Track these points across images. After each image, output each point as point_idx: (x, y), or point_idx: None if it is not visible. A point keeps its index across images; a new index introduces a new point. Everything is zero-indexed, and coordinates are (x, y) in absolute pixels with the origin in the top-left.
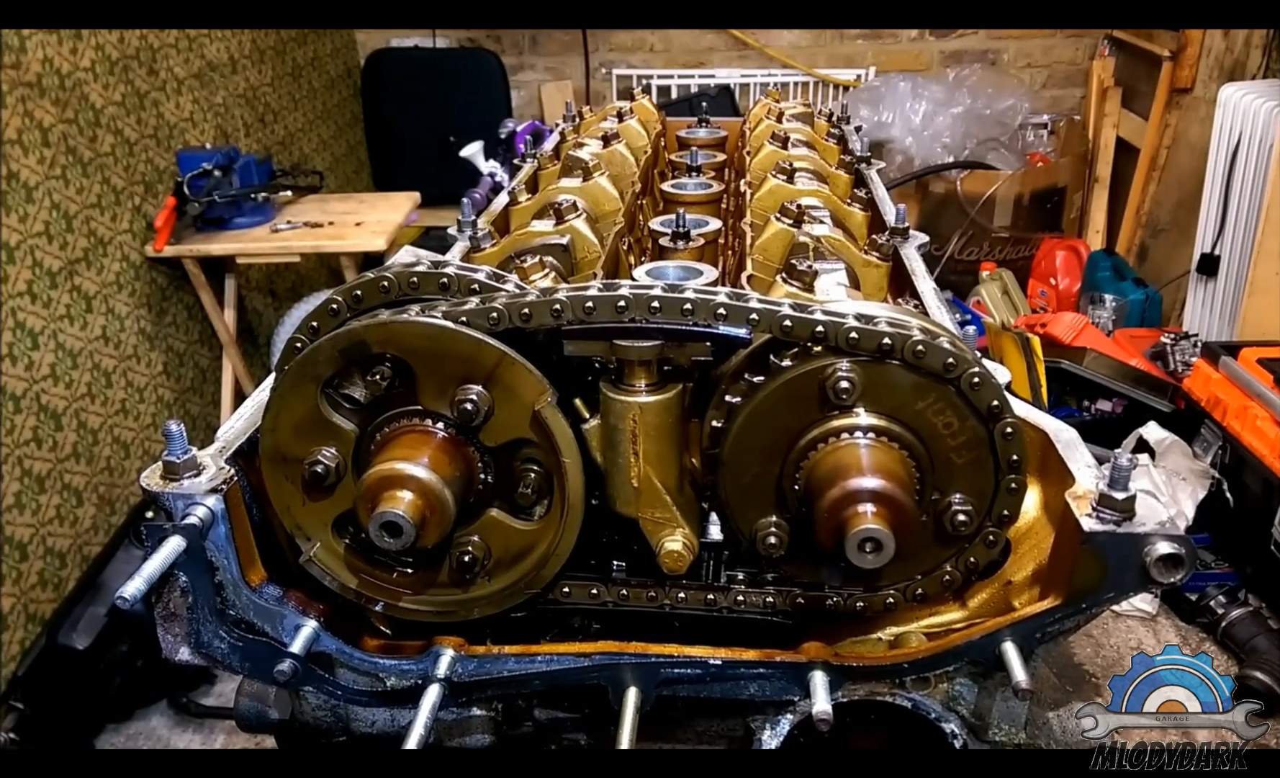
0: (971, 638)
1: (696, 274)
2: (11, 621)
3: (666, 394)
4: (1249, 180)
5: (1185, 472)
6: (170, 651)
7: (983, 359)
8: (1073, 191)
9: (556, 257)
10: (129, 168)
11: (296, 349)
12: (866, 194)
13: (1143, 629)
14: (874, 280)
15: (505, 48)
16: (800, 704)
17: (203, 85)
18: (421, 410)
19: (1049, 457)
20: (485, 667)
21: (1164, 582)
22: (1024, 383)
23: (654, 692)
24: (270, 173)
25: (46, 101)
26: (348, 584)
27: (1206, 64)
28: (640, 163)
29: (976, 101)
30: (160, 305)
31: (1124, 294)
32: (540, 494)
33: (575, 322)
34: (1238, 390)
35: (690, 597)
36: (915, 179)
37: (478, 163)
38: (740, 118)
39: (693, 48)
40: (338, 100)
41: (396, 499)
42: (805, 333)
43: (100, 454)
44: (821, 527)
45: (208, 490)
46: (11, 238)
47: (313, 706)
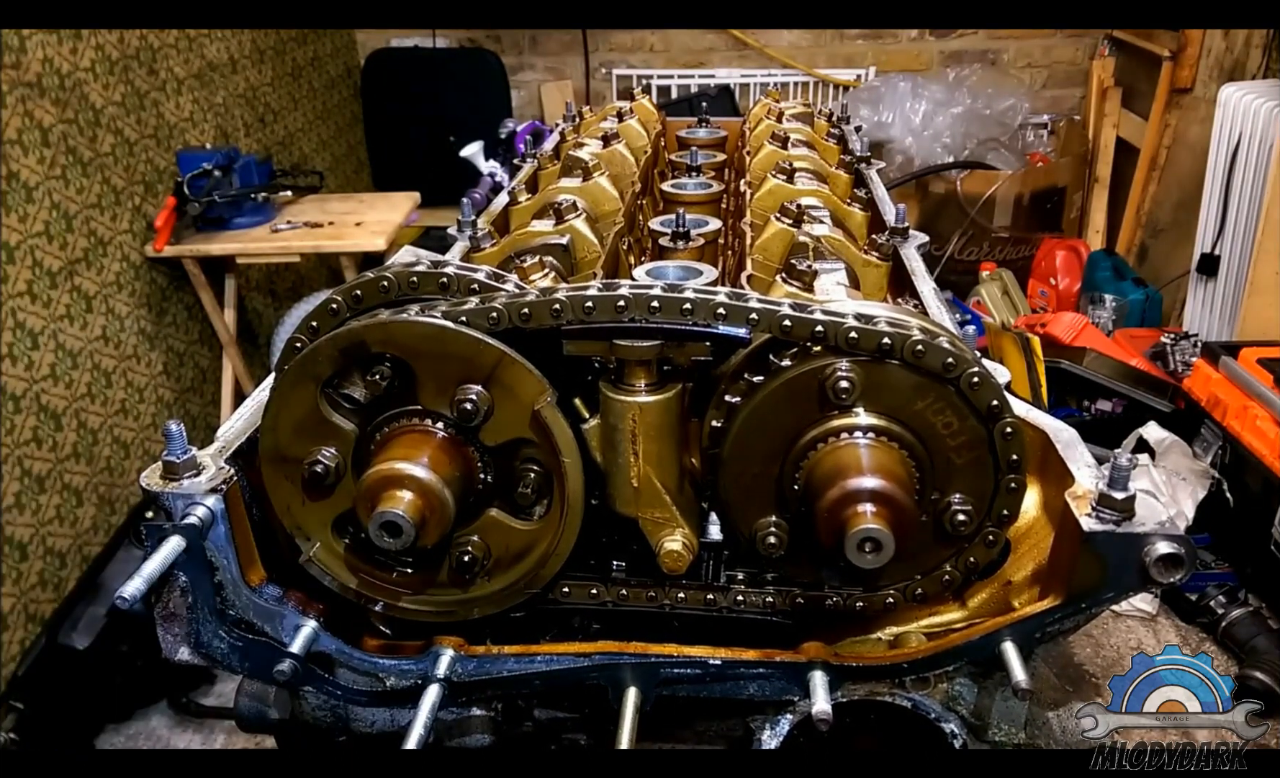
0: (971, 638)
1: (696, 274)
2: (11, 621)
3: (666, 394)
4: (1249, 180)
5: (1185, 472)
6: (170, 651)
7: (982, 359)
8: (1073, 191)
9: (556, 257)
10: (129, 168)
11: (296, 349)
12: (866, 194)
13: (1143, 629)
14: (874, 280)
15: (505, 48)
16: (800, 704)
17: (203, 85)
18: (421, 410)
19: (1049, 457)
20: (485, 667)
21: (1164, 582)
22: (1024, 383)
23: (654, 692)
24: (270, 173)
25: (46, 101)
26: (348, 584)
27: (1206, 64)
28: (640, 163)
29: (976, 101)
30: (160, 305)
31: (1124, 294)
32: (540, 494)
33: (575, 321)
34: (1238, 390)
35: (690, 597)
36: (915, 179)
37: (478, 163)
38: (740, 118)
39: (693, 48)
40: (338, 100)
41: (396, 499)
42: (805, 333)
43: (100, 454)
44: (821, 527)
45: (207, 490)
46: (11, 238)
47: (313, 706)
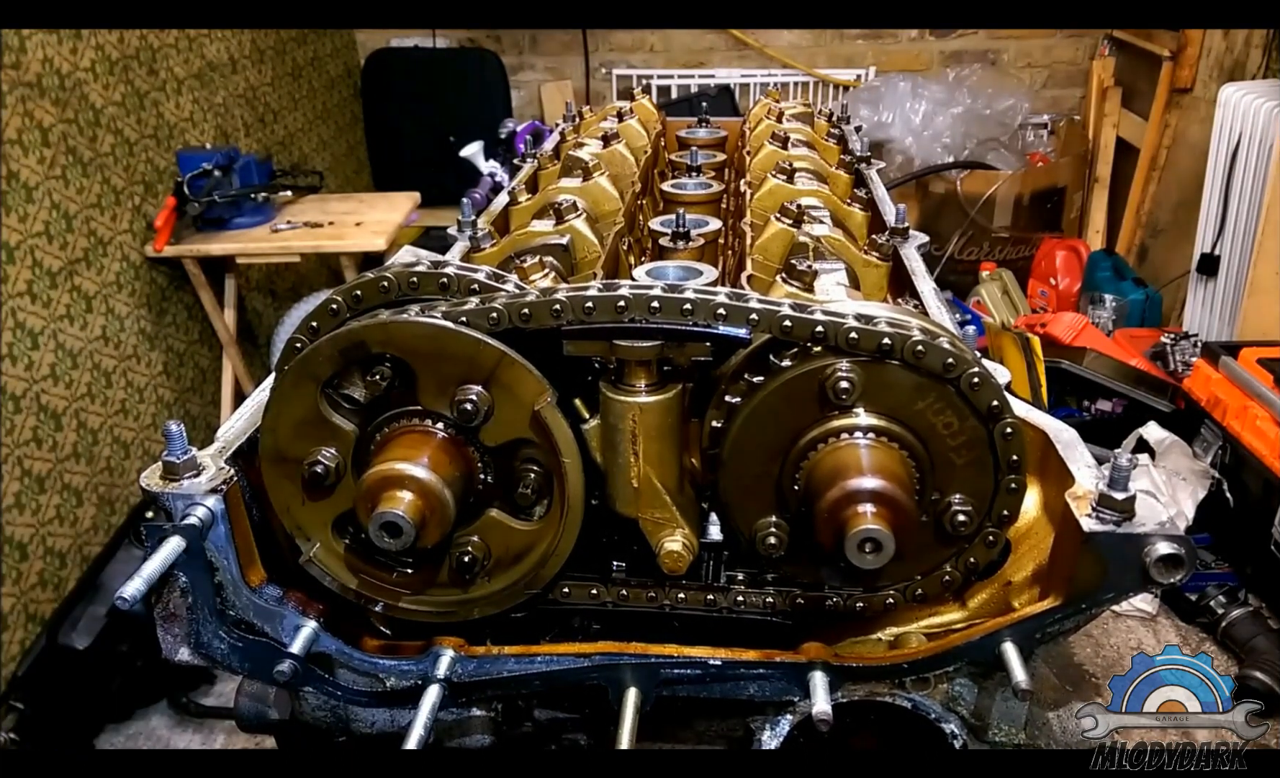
0: (971, 638)
1: (696, 274)
2: (11, 621)
3: (666, 394)
4: (1249, 180)
5: (1185, 472)
6: (170, 651)
7: (983, 359)
8: (1073, 191)
9: (556, 257)
10: (129, 168)
11: (296, 349)
12: (866, 194)
13: (1143, 629)
14: (874, 280)
15: (505, 48)
16: (800, 705)
17: (203, 85)
18: (421, 410)
19: (1049, 457)
20: (485, 667)
21: (1164, 582)
22: (1024, 383)
23: (654, 692)
24: (270, 173)
25: (46, 101)
26: (348, 584)
27: (1206, 64)
28: (640, 163)
29: (976, 101)
30: (160, 305)
31: (1124, 294)
32: (540, 494)
33: (575, 322)
34: (1238, 390)
35: (690, 597)
36: (915, 179)
37: (478, 163)
38: (740, 118)
39: (693, 48)
40: (338, 100)
41: (396, 499)
42: (805, 333)
43: (100, 454)
44: (821, 527)
45: (208, 491)
46: (11, 238)
47: (313, 706)
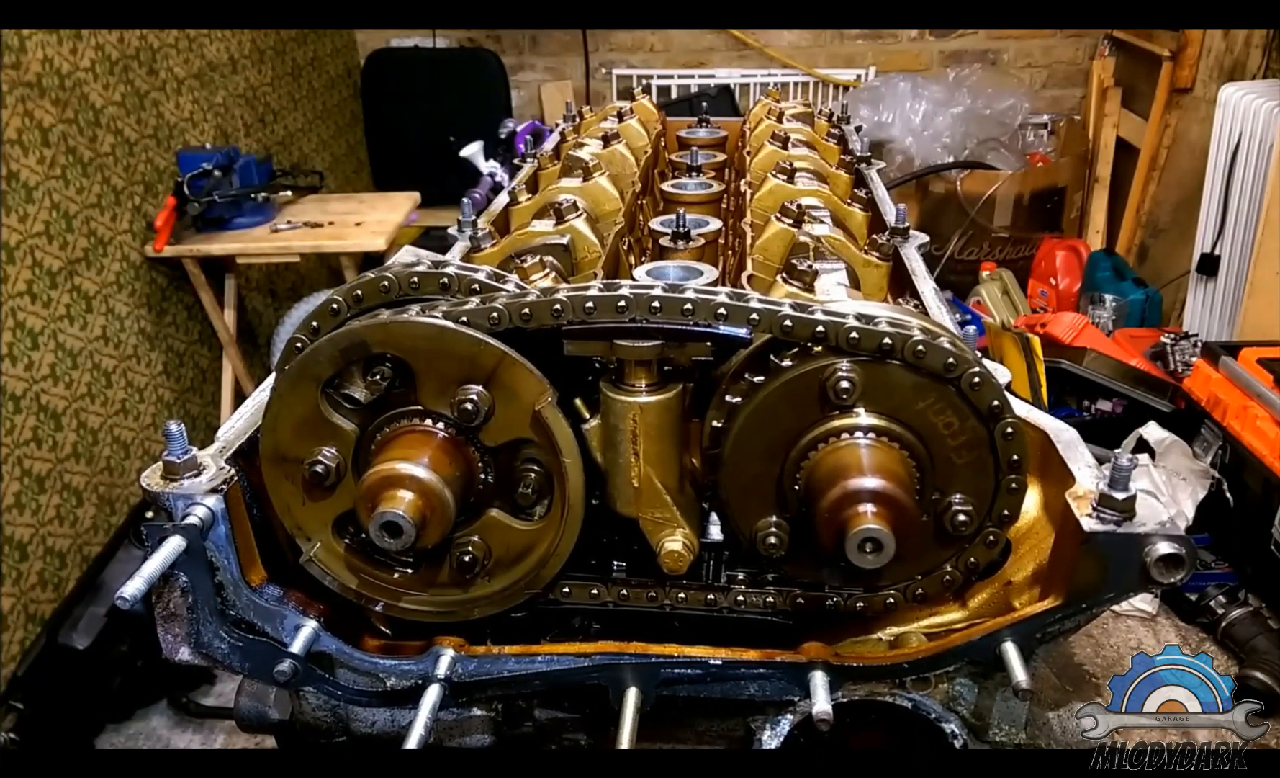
0: (971, 638)
1: (697, 274)
2: (11, 621)
3: (667, 394)
4: (1249, 180)
5: (1185, 472)
6: (170, 651)
7: (983, 359)
8: (1073, 192)
9: (557, 257)
10: (129, 168)
11: (297, 349)
12: (866, 194)
13: (1143, 629)
14: (874, 280)
15: (505, 48)
16: (800, 704)
17: (203, 85)
18: (422, 410)
19: (1049, 457)
20: (485, 667)
21: (1164, 582)
22: (1024, 383)
23: (654, 692)
24: (270, 173)
25: (46, 101)
26: (348, 584)
27: (1206, 64)
28: (640, 163)
29: (976, 101)
30: (160, 305)
31: (1124, 294)
32: (540, 494)
33: (575, 322)
34: (1238, 390)
35: (690, 597)
36: (915, 179)
37: (478, 163)
38: (740, 118)
39: (693, 48)
40: (338, 100)
41: (397, 499)
42: (806, 333)
43: (100, 454)
44: (822, 527)
45: (208, 491)
46: (11, 238)
47: (313, 706)
